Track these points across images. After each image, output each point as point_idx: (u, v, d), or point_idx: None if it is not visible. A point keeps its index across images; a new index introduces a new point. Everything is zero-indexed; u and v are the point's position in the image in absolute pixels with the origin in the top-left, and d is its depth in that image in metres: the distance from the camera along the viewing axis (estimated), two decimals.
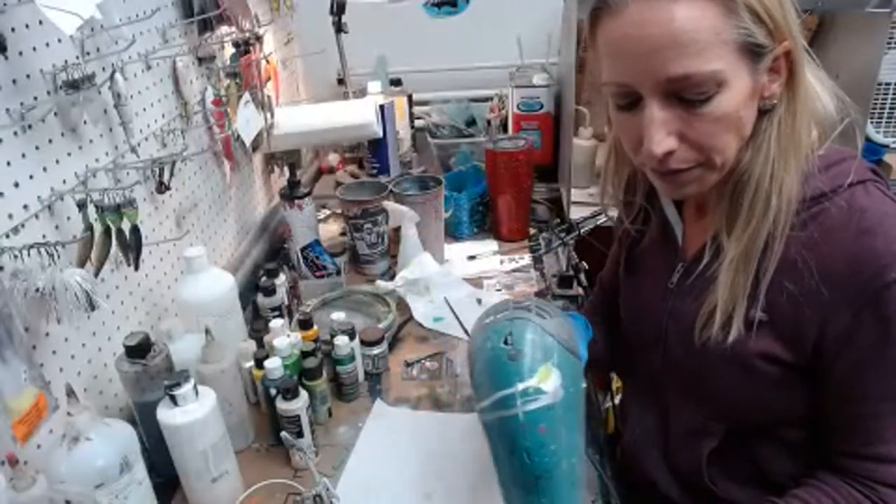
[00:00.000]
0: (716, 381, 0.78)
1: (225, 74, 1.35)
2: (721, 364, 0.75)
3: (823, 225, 0.68)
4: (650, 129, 0.65)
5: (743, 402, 0.77)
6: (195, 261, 1.06)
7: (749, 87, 0.65)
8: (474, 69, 2.09)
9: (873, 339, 0.66)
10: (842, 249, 0.66)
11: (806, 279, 0.68)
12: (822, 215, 0.68)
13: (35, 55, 0.83)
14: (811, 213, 0.69)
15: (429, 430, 1.06)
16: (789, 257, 0.68)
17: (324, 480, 0.88)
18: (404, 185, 1.56)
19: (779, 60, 0.66)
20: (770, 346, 0.72)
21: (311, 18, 1.93)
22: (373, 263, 1.53)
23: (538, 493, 0.71)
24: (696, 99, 0.63)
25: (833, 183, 0.69)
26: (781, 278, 0.69)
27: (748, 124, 0.67)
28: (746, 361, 0.73)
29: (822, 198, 0.69)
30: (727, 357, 0.74)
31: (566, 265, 1.50)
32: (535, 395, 0.71)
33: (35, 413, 0.75)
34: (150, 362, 0.91)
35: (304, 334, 1.12)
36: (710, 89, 0.63)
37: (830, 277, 0.67)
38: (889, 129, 1.75)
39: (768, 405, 0.76)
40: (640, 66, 0.64)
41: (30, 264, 0.77)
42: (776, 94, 0.67)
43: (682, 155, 0.67)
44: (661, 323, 0.83)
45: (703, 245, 0.78)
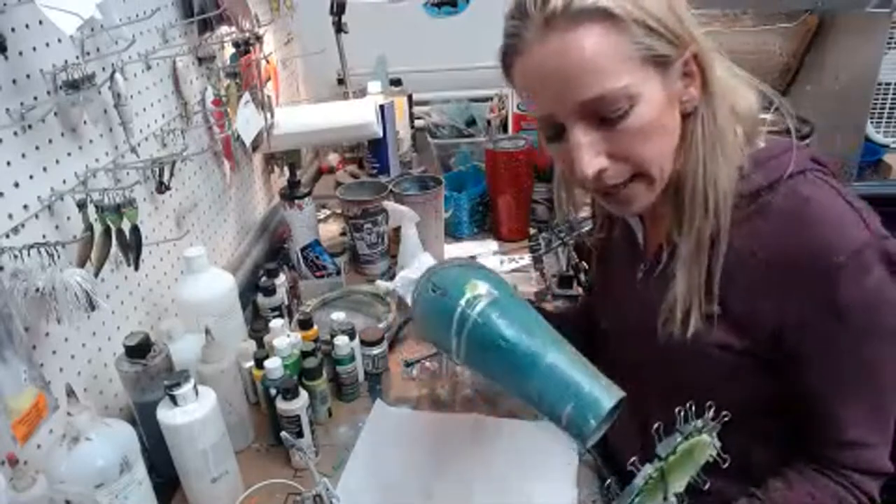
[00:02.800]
0: (682, 374, 0.80)
1: (225, 74, 1.35)
2: (684, 357, 0.78)
3: (768, 217, 0.70)
4: (578, 153, 0.68)
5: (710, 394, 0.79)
6: (195, 261, 1.06)
7: (663, 95, 0.68)
8: (474, 69, 2.09)
9: (828, 326, 0.69)
10: (788, 240, 0.69)
11: (756, 271, 0.70)
12: (766, 208, 0.71)
13: (35, 55, 0.83)
14: (757, 205, 0.71)
15: (429, 430, 1.06)
16: (738, 251, 0.71)
17: (324, 480, 0.88)
18: (404, 185, 1.56)
19: (689, 65, 0.69)
20: (726, 337, 0.74)
21: (311, 18, 1.93)
22: (373, 263, 1.53)
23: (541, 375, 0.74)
24: (613, 116, 0.66)
25: (772, 175, 0.71)
26: (733, 272, 0.72)
27: (673, 131, 0.70)
28: (706, 352, 0.76)
29: (764, 190, 0.71)
30: (688, 350, 0.76)
31: (566, 265, 1.50)
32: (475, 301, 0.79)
33: (35, 413, 0.74)
34: (150, 362, 0.91)
35: (304, 334, 1.12)
36: (624, 105, 0.66)
37: (780, 268, 0.69)
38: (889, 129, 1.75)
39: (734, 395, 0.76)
40: (554, 97, 0.68)
41: (30, 264, 0.77)
42: (694, 96, 0.70)
43: (615, 171, 0.70)
44: (629, 319, 0.86)
45: (661, 244, 0.81)
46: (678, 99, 0.70)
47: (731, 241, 0.71)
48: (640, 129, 0.67)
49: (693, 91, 0.70)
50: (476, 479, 0.95)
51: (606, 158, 0.69)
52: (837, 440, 0.73)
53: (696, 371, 0.78)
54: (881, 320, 0.69)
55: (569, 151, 0.70)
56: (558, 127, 0.71)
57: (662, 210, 0.79)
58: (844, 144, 1.65)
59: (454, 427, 1.06)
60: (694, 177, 0.71)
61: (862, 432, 0.72)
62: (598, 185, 0.72)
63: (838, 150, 1.64)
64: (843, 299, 0.67)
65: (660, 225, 0.82)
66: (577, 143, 0.69)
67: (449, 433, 1.05)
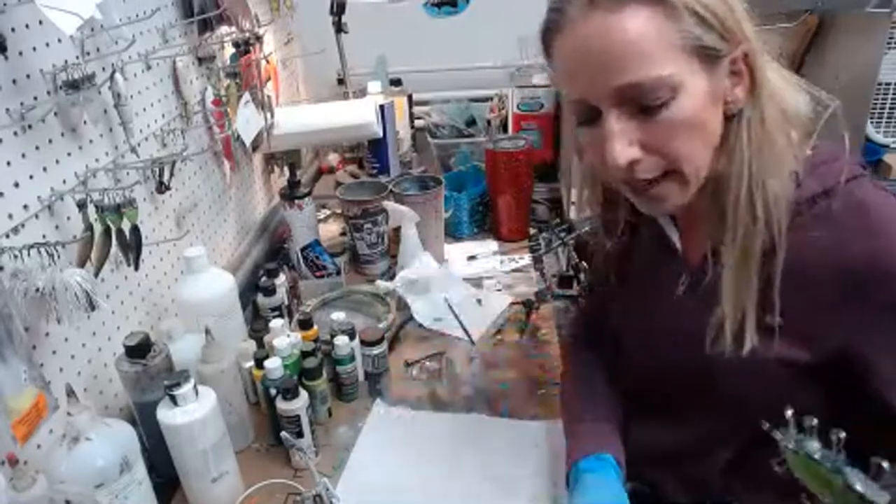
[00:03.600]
0: (734, 389, 0.76)
1: (225, 74, 1.35)
2: (738, 373, 0.73)
3: (828, 225, 0.67)
4: (610, 141, 0.65)
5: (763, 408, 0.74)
6: (195, 261, 1.06)
7: (707, 91, 0.64)
8: (474, 69, 2.09)
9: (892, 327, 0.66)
10: (852, 248, 0.66)
11: (819, 280, 0.67)
12: (824, 215, 0.67)
13: (35, 55, 0.83)
14: (813, 213, 0.68)
15: (429, 430, 1.06)
16: (797, 260, 0.67)
17: (324, 480, 0.88)
18: (404, 185, 1.56)
19: (738, 64, 0.65)
20: (788, 350, 0.70)
21: (311, 18, 1.93)
22: (373, 263, 1.53)
23: None
24: (652, 105, 0.63)
25: (827, 181, 0.68)
26: (793, 282, 0.68)
27: (713, 129, 0.67)
28: (764, 368, 0.72)
29: (819, 197, 0.68)
30: (743, 366, 0.72)
31: (566, 265, 1.50)
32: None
33: (35, 413, 0.75)
34: (150, 362, 0.91)
35: (304, 334, 1.12)
36: (665, 95, 0.63)
37: (845, 277, 0.66)
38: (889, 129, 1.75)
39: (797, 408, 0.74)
40: (592, 79, 0.64)
41: (30, 264, 0.77)
42: (740, 98, 0.67)
43: (648, 164, 0.66)
44: (671, 336, 0.80)
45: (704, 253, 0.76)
46: (723, 98, 0.66)
47: (789, 249, 0.67)
48: (679, 123, 0.64)
49: (739, 92, 0.66)
50: (476, 478, 0.95)
51: (640, 149, 0.65)
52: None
53: (747, 387, 0.75)
54: None
55: (601, 139, 0.66)
56: (593, 111, 0.67)
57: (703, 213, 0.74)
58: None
59: (454, 427, 1.06)
60: (738, 182, 0.66)
61: None
62: (628, 178, 0.68)
63: None
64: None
65: (701, 231, 0.77)
66: (610, 131, 0.65)
67: (449, 433, 1.05)
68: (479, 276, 1.51)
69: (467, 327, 1.31)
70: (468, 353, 1.25)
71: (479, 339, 1.29)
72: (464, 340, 1.29)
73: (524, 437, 1.02)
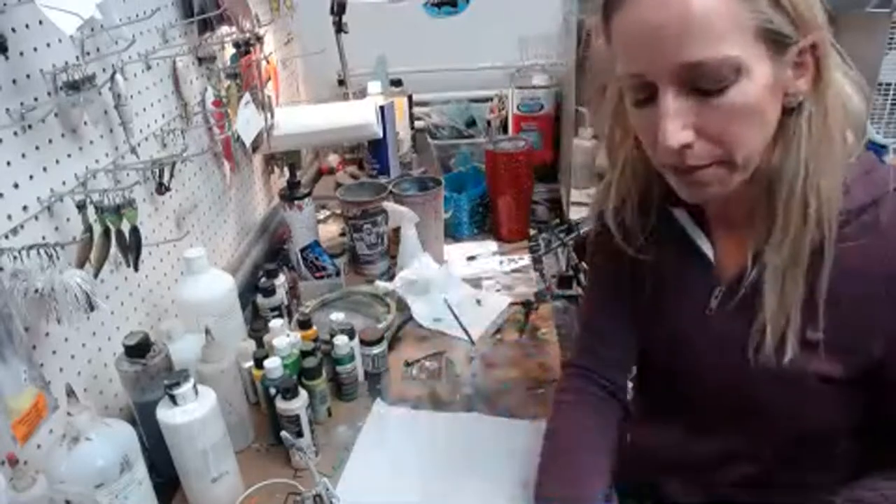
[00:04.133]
0: (766, 403, 0.74)
1: (225, 75, 1.36)
2: (773, 386, 0.71)
3: (876, 234, 0.65)
4: (664, 121, 0.61)
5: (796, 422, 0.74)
6: (195, 262, 1.06)
7: (771, 78, 0.61)
8: (474, 69, 2.09)
9: None
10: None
11: (866, 293, 0.65)
12: (872, 225, 0.65)
13: (35, 55, 0.83)
14: (861, 221, 0.65)
15: (429, 430, 1.06)
16: (844, 270, 0.65)
17: (324, 480, 0.88)
18: (404, 185, 1.56)
19: (805, 55, 0.62)
20: (829, 366, 0.68)
21: (311, 18, 1.93)
22: (372, 264, 1.53)
23: None
24: (712, 88, 0.60)
25: (875, 191, 0.66)
26: (838, 293, 0.65)
27: (771, 120, 0.63)
28: (804, 382, 0.70)
29: (870, 206, 0.66)
30: (782, 379, 0.70)
31: (566, 265, 1.50)
32: None
33: (35, 413, 0.75)
34: (149, 362, 0.91)
35: (303, 334, 1.12)
36: (728, 77, 0.59)
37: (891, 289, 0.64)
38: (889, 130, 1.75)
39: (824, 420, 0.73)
40: (654, 53, 0.61)
41: (29, 265, 0.77)
42: (802, 90, 0.63)
43: (700, 150, 0.63)
44: (702, 351, 0.78)
45: (740, 263, 0.73)
46: (784, 89, 0.62)
47: (839, 258, 0.65)
48: (738, 109, 0.60)
49: (802, 84, 0.63)
50: (476, 478, 0.95)
51: (694, 133, 0.62)
52: None
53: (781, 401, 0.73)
54: None
55: (654, 119, 0.62)
56: (649, 88, 0.63)
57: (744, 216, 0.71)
58: None
59: (454, 427, 1.06)
60: (793, 178, 0.63)
61: None
62: (678, 163, 0.65)
63: None
64: None
65: (737, 239, 0.74)
66: (665, 110, 0.61)
67: (449, 433, 1.05)
68: (478, 276, 1.51)
69: (467, 327, 1.31)
70: (468, 353, 1.25)
71: (478, 339, 1.29)
72: (463, 340, 1.29)
73: (524, 437, 1.02)
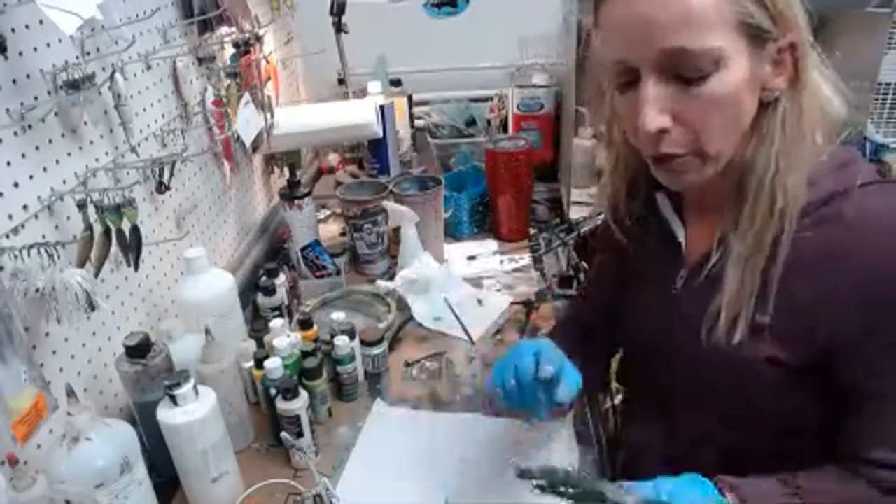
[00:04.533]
0: (723, 386, 0.77)
1: (225, 75, 1.35)
2: (728, 368, 0.74)
3: (838, 227, 0.67)
4: (645, 106, 0.64)
5: (751, 407, 0.76)
6: (195, 261, 1.06)
7: (748, 72, 0.63)
8: (474, 69, 2.09)
9: (887, 340, 0.66)
10: (857, 251, 0.66)
11: (820, 283, 0.67)
12: (835, 217, 0.67)
13: (35, 55, 0.83)
14: (822, 213, 0.68)
15: (429, 430, 1.06)
16: (801, 260, 0.67)
17: (324, 480, 0.88)
18: (404, 185, 1.56)
19: (783, 53, 0.65)
20: (777, 350, 0.71)
21: (311, 18, 1.93)
22: (373, 263, 1.53)
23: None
24: (692, 76, 0.63)
25: (842, 184, 0.68)
26: (793, 281, 0.68)
27: (747, 113, 0.66)
28: (753, 365, 0.72)
29: (833, 199, 0.68)
30: (734, 361, 0.73)
31: (566, 265, 1.50)
32: None
33: (35, 413, 0.75)
34: (150, 362, 0.91)
35: (304, 334, 1.12)
36: (707, 67, 0.62)
37: (847, 279, 0.66)
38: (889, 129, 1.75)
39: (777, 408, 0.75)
40: (637, 40, 0.64)
41: (30, 264, 0.77)
42: (779, 88, 0.66)
43: (676, 137, 0.66)
44: (667, 330, 0.82)
45: (707, 246, 0.76)
46: (761, 85, 0.65)
47: (794, 248, 0.67)
48: (717, 99, 0.63)
49: (780, 82, 0.66)
50: (476, 479, 0.95)
51: (671, 119, 0.65)
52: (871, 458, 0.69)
53: (736, 383, 0.75)
54: None
55: (635, 103, 0.66)
56: (632, 74, 0.66)
57: (715, 204, 0.75)
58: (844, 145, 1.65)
59: (454, 427, 1.06)
60: (763, 171, 0.66)
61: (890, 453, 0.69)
62: (654, 151, 0.68)
63: None
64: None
65: (707, 225, 0.78)
66: (645, 96, 0.64)
67: (449, 433, 1.05)
68: (479, 276, 1.51)
69: (467, 327, 1.31)
70: (468, 353, 1.25)
71: (479, 339, 1.29)
72: (464, 340, 1.29)
73: (524, 438, 1.02)
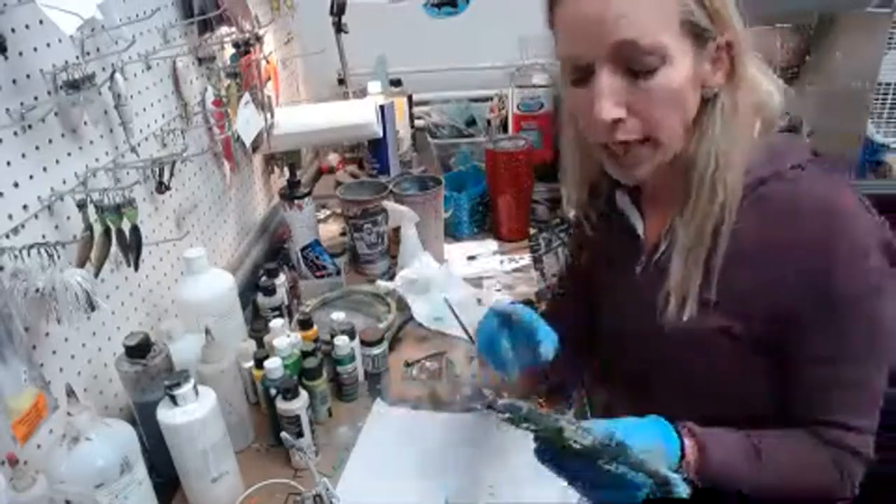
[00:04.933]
0: (683, 366, 0.81)
1: (225, 75, 1.35)
2: (687, 346, 0.79)
3: (769, 207, 0.73)
4: (599, 98, 0.69)
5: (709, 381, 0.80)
6: (195, 261, 1.06)
7: (692, 69, 0.69)
8: (474, 69, 2.09)
9: (822, 310, 0.71)
10: (788, 229, 0.71)
11: (756, 258, 0.73)
12: (767, 198, 0.73)
13: (35, 55, 0.83)
14: (758, 195, 0.73)
15: (429, 430, 1.06)
16: (739, 239, 0.73)
17: (324, 480, 0.88)
18: (404, 185, 1.56)
19: (721, 51, 0.70)
20: (723, 322, 0.75)
21: (311, 18, 1.93)
22: (373, 263, 1.53)
23: None
24: (642, 70, 0.67)
25: (775, 167, 0.73)
26: (733, 259, 0.73)
27: (691, 107, 0.71)
28: (709, 338, 0.77)
29: (766, 182, 0.73)
30: (690, 337, 0.77)
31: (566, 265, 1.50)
32: None
33: (35, 413, 0.75)
34: (150, 362, 0.91)
35: (304, 334, 1.12)
36: (655, 62, 0.67)
37: (778, 255, 0.71)
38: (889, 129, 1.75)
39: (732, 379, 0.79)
40: (591, 35, 0.68)
41: (30, 264, 0.77)
42: (718, 83, 0.71)
43: (630, 126, 0.71)
44: (632, 316, 0.86)
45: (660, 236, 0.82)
46: (702, 81, 0.71)
47: (734, 237, 0.73)
48: (664, 92, 0.68)
49: (719, 78, 0.71)
50: (476, 478, 0.95)
51: (625, 111, 0.70)
52: (823, 420, 0.75)
53: (694, 362, 0.80)
54: (872, 310, 0.71)
55: (590, 97, 0.70)
56: (586, 70, 0.70)
57: (666, 196, 0.80)
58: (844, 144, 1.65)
59: (454, 427, 1.06)
60: (705, 162, 0.72)
61: (845, 417, 0.74)
62: (610, 139, 0.72)
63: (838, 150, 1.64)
64: (837, 286, 0.70)
65: (661, 215, 0.83)
66: (600, 88, 0.69)
67: (449, 433, 1.05)
68: (479, 275, 1.51)
69: (467, 327, 1.31)
70: (468, 353, 1.25)
71: None
72: (464, 340, 1.29)
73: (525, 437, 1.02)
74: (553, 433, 0.67)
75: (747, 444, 0.74)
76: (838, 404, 0.74)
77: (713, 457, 0.72)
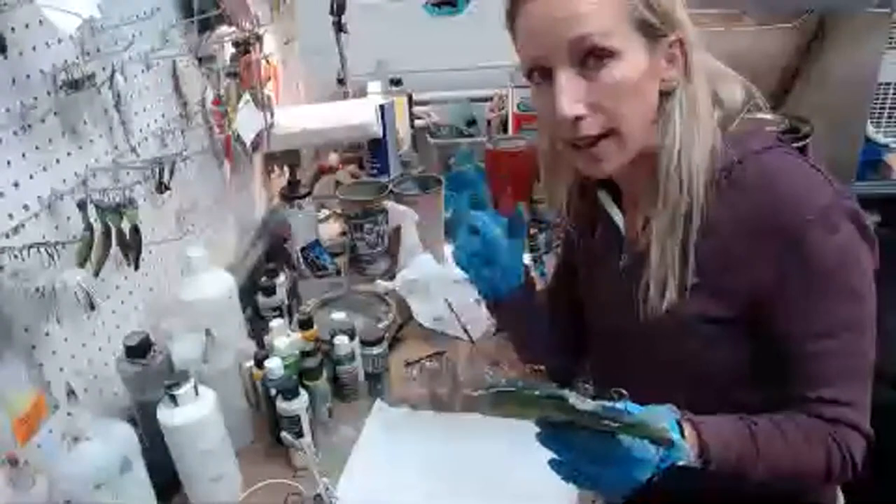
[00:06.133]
0: (668, 353, 0.83)
1: (225, 74, 1.35)
2: (668, 335, 0.81)
3: (739, 189, 0.76)
4: (560, 96, 0.73)
5: (696, 369, 0.82)
6: (195, 261, 1.06)
7: (646, 63, 0.73)
8: (474, 69, 2.09)
9: (800, 281, 0.73)
10: (760, 205, 0.74)
11: (730, 239, 0.75)
12: (737, 181, 0.76)
13: (35, 55, 0.83)
14: (729, 180, 0.76)
15: (429, 431, 1.06)
16: (713, 223, 0.76)
17: (324, 480, 0.88)
18: (404, 184, 1.56)
19: (674, 48, 0.75)
20: (705, 306, 0.78)
21: (311, 18, 1.93)
22: (373, 263, 1.53)
23: None
24: (598, 65, 0.72)
25: (742, 152, 0.77)
26: (709, 243, 0.76)
27: (651, 100, 0.76)
28: (688, 324, 0.79)
29: (736, 166, 0.77)
30: (672, 326, 0.79)
31: None
32: None
33: (35, 413, 0.75)
34: (150, 362, 0.91)
35: (304, 334, 1.12)
36: (606, 55, 0.71)
37: (752, 232, 0.74)
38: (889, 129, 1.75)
39: (719, 366, 0.81)
40: (549, 37, 0.73)
41: (30, 264, 0.77)
42: (675, 77, 0.76)
43: (591, 120, 0.74)
44: (618, 309, 0.87)
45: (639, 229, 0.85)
46: (659, 75, 0.75)
47: (708, 214, 0.76)
48: (619, 84, 0.73)
49: (674, 73, 0.76)
50: (477, 478, 0.95)
51: (585, 107, 0.74)
52: (812, 397, 0.75)
53: (678, 348, 0.82)
54: (849, 279, 0.73)
55: (552, 96, 0.74)
56: (546, 72, 0.75)
57: (641, 190, 0.83)
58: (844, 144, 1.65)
59: (454, 427, 1.06)
60: (669, 154, 0.76)
61: (836, 391, 0.74)
62: (574, 135, 0.76)
63: (838, 150, 1.64)
64: (812, 255, 0.72)
65: (640, 210, 0.85)
66: (560, 86, 0.73)
67: (449, 433, 1.05)
68: None
69: (467, 327, 1.31)
70: (468, 353, 1.25)
71: (479, 339, 1.29)
72: (464, 340, 1.29)
73: (525, 437, 1.02)
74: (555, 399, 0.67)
75: (742, 426, 0.75)
76: (828, 379, 0.75)
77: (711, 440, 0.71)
